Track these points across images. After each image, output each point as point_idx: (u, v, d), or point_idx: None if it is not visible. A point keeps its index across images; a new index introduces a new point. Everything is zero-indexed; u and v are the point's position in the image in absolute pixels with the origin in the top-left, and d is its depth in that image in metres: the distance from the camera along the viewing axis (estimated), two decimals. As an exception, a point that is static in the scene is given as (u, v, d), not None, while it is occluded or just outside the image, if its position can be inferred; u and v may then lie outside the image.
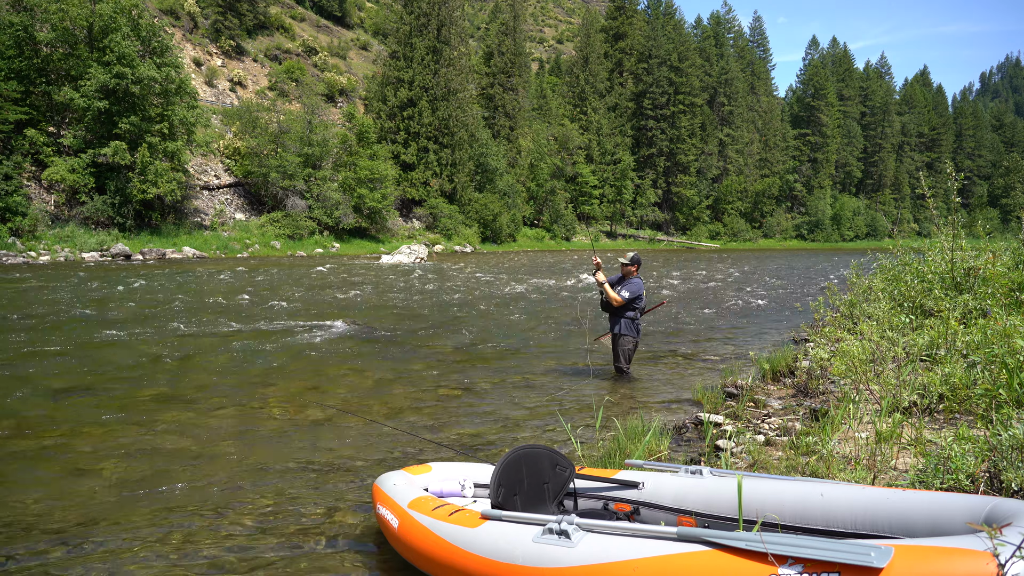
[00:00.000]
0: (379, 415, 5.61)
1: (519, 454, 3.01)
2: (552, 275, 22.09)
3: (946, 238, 6.73)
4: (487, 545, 2.50)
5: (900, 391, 4.22)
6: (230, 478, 4.14)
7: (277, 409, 5.71)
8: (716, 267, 29.47)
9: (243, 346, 8.41)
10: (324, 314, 11.44)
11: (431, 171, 43.32)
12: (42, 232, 24.31)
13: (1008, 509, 2.00)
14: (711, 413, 5.25)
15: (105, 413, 5.44)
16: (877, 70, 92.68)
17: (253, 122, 34.78)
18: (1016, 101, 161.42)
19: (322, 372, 7.18)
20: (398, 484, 3.21)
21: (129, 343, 8.43)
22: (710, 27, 79.41)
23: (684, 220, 67.78)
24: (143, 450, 4.63)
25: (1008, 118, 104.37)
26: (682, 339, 9.82)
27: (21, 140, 25.27)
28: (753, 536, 1.96)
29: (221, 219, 32.61)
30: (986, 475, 2.78)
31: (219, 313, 11.33)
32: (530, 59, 67.69)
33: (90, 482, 4.05)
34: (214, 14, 46.04)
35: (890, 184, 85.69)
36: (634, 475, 3.08)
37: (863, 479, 3.19)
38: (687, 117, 65.88)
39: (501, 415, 5.65)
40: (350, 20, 66.03)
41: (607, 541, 2.25)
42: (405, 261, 27.02)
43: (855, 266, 8.29)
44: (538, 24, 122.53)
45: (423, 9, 44.55)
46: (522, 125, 56.06)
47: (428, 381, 6.88)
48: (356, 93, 51.46)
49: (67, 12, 25.86)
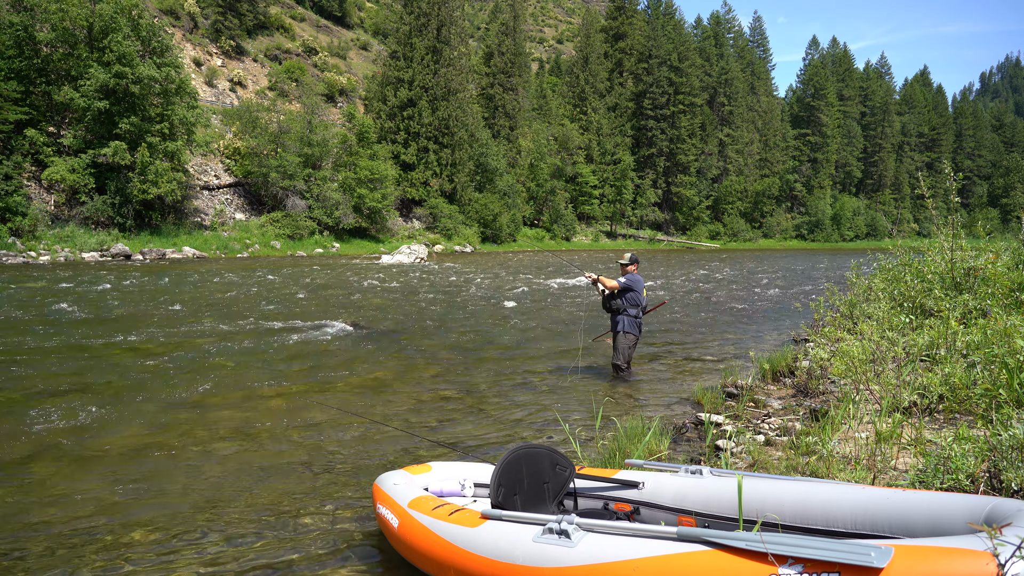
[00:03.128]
0: (379, 415, 5.61)
1: (519, 454, 3.01)
2: (552, 275, 22.09)
3: (946, 238, 6.73)
4: (487, 545, 2.50)
5: (900, 391, 4.22)
6: (230, 478, 4.14)
7: (277, 409, 5.71)
8: (716, 267, 29.46)
9: (243, 346, 8.41)
10: (324, 314, 11.44)
11: (431, 171, 43.30)
12: (42, 232, 24.30)
13: (1008, 509, 2.00)
14: (711, 413, 5.25)
15: (104, 413, 5.44)
16: (877, 70, 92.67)
17: (253, 122, 34.76)
18: (1016, 101, 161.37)
19: (322, 372, 7.18)
20: (398, 484, 3.21)
21: (128, 343, 8.43)
22: (710, 27, 79.40)
23: (684, 220, 67.76)
24: (142, 450, 4.63)
25: (1008, 118, 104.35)
26: (682, 339, 9.81)
27: (21, 140, 25.25)
28: (753, 536, 1.96)
29: (221, 219, 32.60)
30: (986, 475, 2.78)
31: (219, 313, 11.32)
32: (530, 59, 67.66)
33: (88, 482, 4.05)
34: (214, 14, 46.03)
35: (890, 184, 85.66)
36: (634, 475, 3.08)
37: (863, 479, 3.19)
38: (687, 117, 65.87)
39: (501, 415, 5.65)
40: (350, 20, 66.01)
41: (607, 541, 2.25)
42: (405, 261, 27.02)
43: (855, 266, 8.29)
44: (538, 24, 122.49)
45: (423, 9, 44.54)
46: (522, 125, 56.04)
47: (428, 381, 6.88)
48: (356, 93, 51.44)
49: (67, 12, 25.84)
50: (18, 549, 3.22)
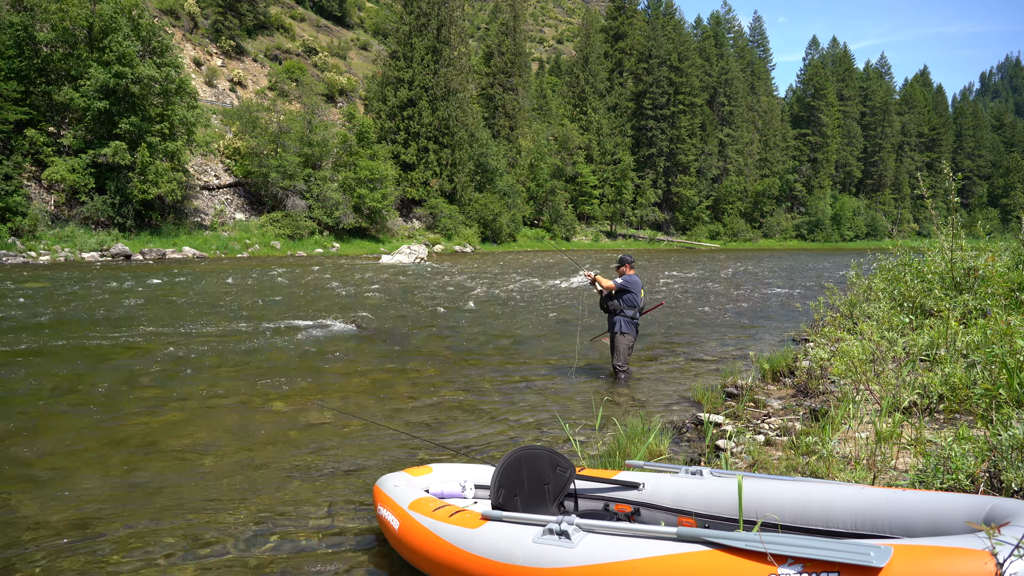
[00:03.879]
0: (379, 415, 5.61)
1: (519, 455, 3.01)
2: (552, 275, 22.08)
3: (946, 238, 6.73)
4: (487, 546, 2.50)
5: (900, 391, 4.22)
6: (230, 479, 4.15)
7: (277, 410, 5.71)
8: (716, 267, 29.46)
9: (242, 346, 8.41)
10: (324, 314, 11.44)
11: (431, 171, 43.31)
12: (42, 232, 24.30)
13: (1007, 509, 2.00)
14: (711, 413, 5.25)
15: (104, 413, 5.45)
16: (877, 70, 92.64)
17: (253, 122, 34.77)
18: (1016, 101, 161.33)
19: (322, 372, 7.19)
20: (399, 485, 3.21)
21: (128, 343, 8.44)
22: (710, 27, 79.37)
23: (684, 220, 67.76)
24: (142, 450, 4.63)
25: (1008, 118, 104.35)
26: (682, 339, 9.82)
27: (21, 140, 25.26)
28: (753, 536, 1.96)
29: (221, 219, 32.60)
30: (986, 475, 2.79)
31: (219, 313, 11.33)
32: (530, 59, 67.66)
33: (90, 482, 4.05)
34: (214, 14, 46.03)
35: (890, 184, 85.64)
36: (634, 476, 3.08)
37: (863, 479, 3.19)
38: (687, 117, 65.87)
39: (501, 415, 5.65)
40: (350, 20, 66.01)
41: (607, 541, 2.25)
42: (405, 261, 27.02)
43: (855, 266, 8.29)
44: (538, 24, 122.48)
45: (423, 9, 44.54)
46: (522, 125, 56.03)
47: (428, 381, 6.88)
48: (356, 93, 51.44)
49: (67, 12, 25.86)
50: (18, 549, 3.22)
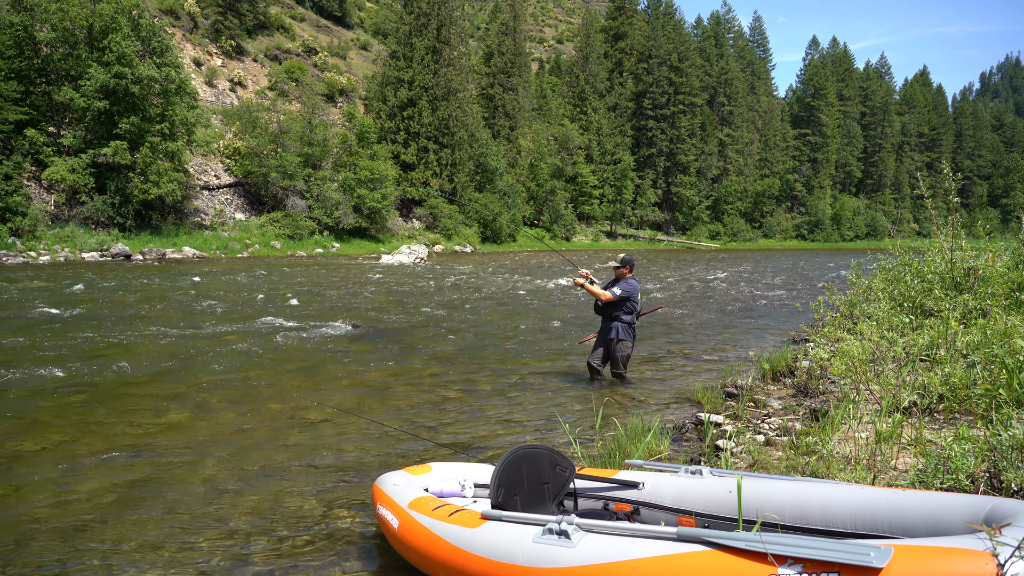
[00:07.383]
0: (379, 415, 5.61)
1: (519, 454, 3.01)
2: (551, 275, 22.08)
3: (946, 238, 6.72)
4: (487, 545, 2.50)
5: (900, 391, 4.22)
6: (229, 478, 4.14)
7: (277, 409, 5.71)
8: (716, 267, 29.46)
9: (242, 346, 8.41)
10: (324, 314, 11.44)
11: (431, 171, 43.30)
12: (42, 232, 24.29)
13: (1008, 509, 2.00)
14: (711, 413, 5.25)
15: (103, 413, 5.45)
16: (877, 70, 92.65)
17: (253, 122, 34.76)
18: (1016, 101, 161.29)
19: (322, 372, 7.18)
20: (398, 484, 3.21)
21: (127, 343, 8.43)
22: (710, 27, 79.38)
23: (684, 220, 67.75)
24: (142, 450, 4.63)
25: (1008, 118, 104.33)
26: (682, 339, 9.81)
27: (21, 140, 25.25)
28: (752, 536, 1.96)
29: (221, 219, 32.60)
30: (986, 475, 2.78)
31: (218, 313, 11.33)
32: (530, 59, 67.64)
33: (89, 483, 4.05)
34: (214, 14, 46.02)
35: (890, 184, 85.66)
36: (634, 475, 3.08)
37: (863, 479, 3.19)
38: (687, 117, 65.87)
39: (501, 415, 5.65)
40: (350, 20, 66.00)
41: (607, 541, 2.25)
42: (405, 261, 27.02)
43: (855, 266, 8.28)
44: (538, 24, 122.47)
45: (423, 9, 44.53)
46: (522, 125, 56.02)
47: (428, 381, 6.88)
48: (356, 93, 51.43)
49: (67, 12, 25.85)
50: (17, 549, 3.22)
